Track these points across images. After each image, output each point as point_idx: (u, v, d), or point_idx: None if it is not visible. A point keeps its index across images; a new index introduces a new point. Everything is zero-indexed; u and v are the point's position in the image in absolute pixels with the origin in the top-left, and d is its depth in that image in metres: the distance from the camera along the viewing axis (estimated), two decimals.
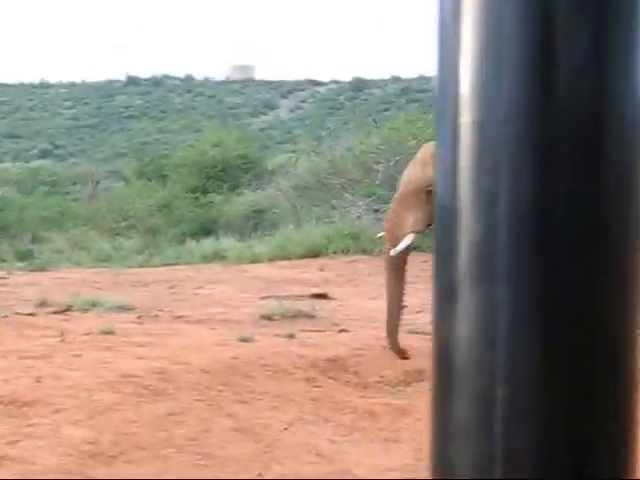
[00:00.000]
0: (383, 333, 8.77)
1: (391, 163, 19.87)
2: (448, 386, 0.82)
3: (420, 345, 7.99)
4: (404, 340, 8.38)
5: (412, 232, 8.07)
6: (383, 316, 9.06)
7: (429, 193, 7.96)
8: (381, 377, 7.57)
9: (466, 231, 0.79)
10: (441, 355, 0.82)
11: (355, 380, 7.51)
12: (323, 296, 12.64)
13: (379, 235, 9.13)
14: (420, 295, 12.33)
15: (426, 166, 7.97)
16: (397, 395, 7.15)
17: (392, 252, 8.08)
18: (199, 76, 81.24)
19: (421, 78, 75.94)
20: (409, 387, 7.35)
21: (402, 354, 8.01)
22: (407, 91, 71.19)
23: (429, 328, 0.81)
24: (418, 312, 10.85)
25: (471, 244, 0.79)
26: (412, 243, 8.17)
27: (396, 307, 8.18)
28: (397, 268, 8.21)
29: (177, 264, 18.77)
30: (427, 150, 8.19)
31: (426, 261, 15.40)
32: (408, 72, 73.15)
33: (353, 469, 5.49)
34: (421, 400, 6.97)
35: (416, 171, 8.05)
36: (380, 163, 20.69)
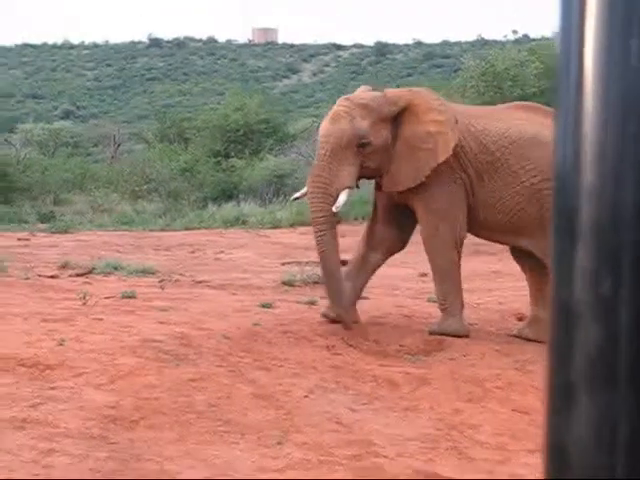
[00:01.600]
0: (404, 301, 8.75)
1: None
2: None
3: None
4: (426, 309, 8.36)
5: (347, 187, 7.92)
6: (404, 284, 9.04)
7: (361, 147, 7.85)
8: (401, 346, 7.56)
9: (585, 333, 0.76)
10: (555, 456, 0.78)
11: (375, 348, 7.50)
12: (344, 263, 12.60)
13: (296, 196, 8.61)
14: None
15: (353, 120, 7.85)
16: (417, 364, 7.14)
17: (335, 208, 7.86)
18: (222, 39, 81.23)
19: (444, 43, 75.46)
20: (429, 356, 7.34)
21: (350, 324, 7.76)
22: (430, 56, 70.78)
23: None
24: None
25: (591, 347, 0.75)
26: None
27: (336, 268, 7.94)
28: (333, 226, 7.97)
29: (198, 228, 18.81)
30: (347, 103, 8.03)
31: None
32: (431, 37, 72.86)
33: (373, 438, 5.50)
34: (441, 369, 6.98)
35: (343, 125, 7.86)
36: None
